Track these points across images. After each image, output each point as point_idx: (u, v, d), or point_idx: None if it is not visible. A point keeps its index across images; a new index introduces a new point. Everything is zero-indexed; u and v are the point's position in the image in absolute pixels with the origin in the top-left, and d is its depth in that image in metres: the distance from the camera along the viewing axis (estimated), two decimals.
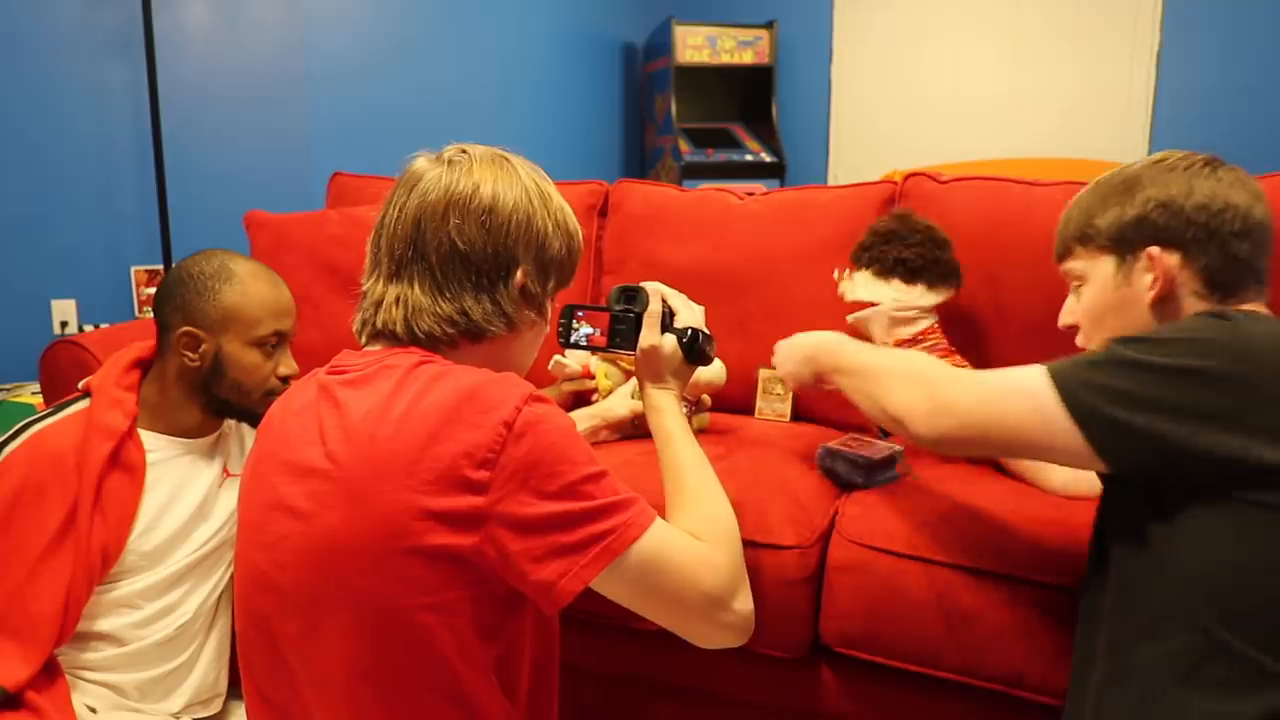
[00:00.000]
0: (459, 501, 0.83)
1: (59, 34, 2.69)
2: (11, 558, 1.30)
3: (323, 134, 3.32)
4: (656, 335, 1.13)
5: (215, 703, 1.56)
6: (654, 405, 1.13)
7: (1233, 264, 1.03)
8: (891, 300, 1.56)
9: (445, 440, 0.83)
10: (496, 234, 0.97)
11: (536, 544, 0.84)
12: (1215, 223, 1.03)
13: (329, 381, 0.95)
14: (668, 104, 4.65)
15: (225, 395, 1.46)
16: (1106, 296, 1.09)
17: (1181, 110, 4.10)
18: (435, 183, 0.98)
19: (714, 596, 0.92)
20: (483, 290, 0.97)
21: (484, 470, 0.83)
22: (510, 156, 1.05)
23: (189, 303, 1.42)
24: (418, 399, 0.86)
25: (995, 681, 1.18)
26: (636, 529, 0.87)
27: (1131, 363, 0.92)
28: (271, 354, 1.47)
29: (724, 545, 0.96)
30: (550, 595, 0.85)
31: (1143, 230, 1.06)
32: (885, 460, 1.43)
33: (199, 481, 1.49)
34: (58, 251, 2.73)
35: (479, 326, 0.97)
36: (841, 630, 1.26)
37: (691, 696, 1.41)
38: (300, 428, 0.93)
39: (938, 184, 1.81)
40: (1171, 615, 0.89)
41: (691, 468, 1.06)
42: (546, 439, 0.85)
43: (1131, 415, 0.90)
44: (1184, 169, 1.07)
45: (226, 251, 1.49)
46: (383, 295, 0.98)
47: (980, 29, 4.53)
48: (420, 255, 0.96)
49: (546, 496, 0.84)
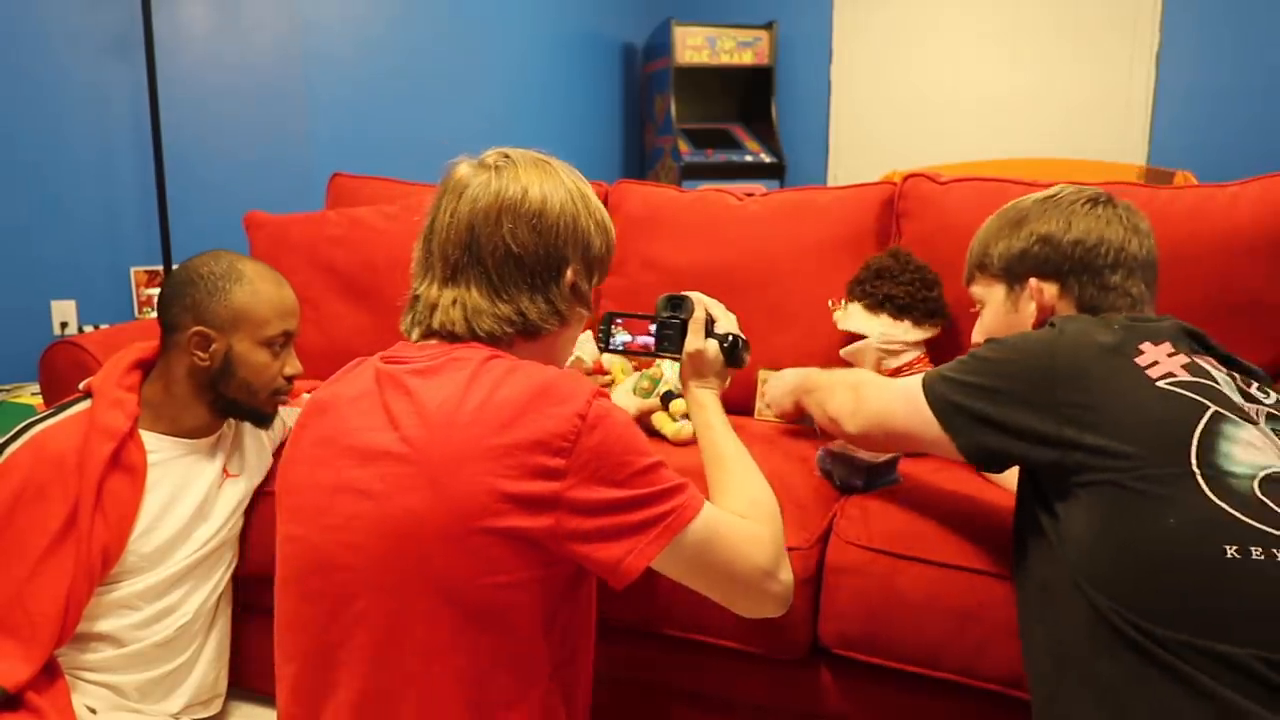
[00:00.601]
0: (535, 486, 0.88)
1: (59, 35, 2.69)
2: (12, 558, 1.30)
3: (322, 135, 3.32)
4: (701, 340, 1.22)
5: (215, 703, 1.57)
6: (698, 402, 1.22)
7: (1105, 292, 1.14)
8: (879, 334, 1.64)
9: (523, 428, 0.89)
10: (547, 236, 1.02)
11: (604, 525, 0.91)
12: (1089, 257, 1.14)
13: (394, 371, 0.99)
14: (667, 104, 4.65)
15: (233, 395, 1.46)
16: (999, 320, 1.23)
17: (1181, 111, 4.10)
18: (484, 188, 1.02)
19: (762, 568, 1.00)
20: (537, 290, 1.02)
21: (559, 458, 0.89)
22: (550, 159, 1.09)
23: (200, 303, 1.43)
24: (494, 389, 0.91)
25: (993, 682, 1.18)
26: (691, 510, 0.95)
27: (973, 357, 1.08)
28: (279, 354, 1.48)
29: (767, 523, 1.05)
30: (617, 572, 0.92)
31: (1026, 262, 1.18)
32: (885, 464, 1.43)
33: (199, 482, 1.49)
34: (57, 252, 2.73)
35: (535, 326, 1.02)
36: (840, 631, 1.26)
37: (691, 698, 1.41)
38: (363, 413, 0.97)
39: (937, 185, 1.81)
40: (1072, 597, 0.94)
41: (733, 456, 1.15)
42: (615, 430, 0.92)
43: (969, 400, 1.04)
44: (1066, 206, 1.17)
45: (232, 252, 1.50)
46: (438, 299, 1.02)
47: (980, 30, 4.53)
48: (476, 259, 1.01)
49: (614, 483, 0.91)
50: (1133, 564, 0.90)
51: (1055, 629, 0.98)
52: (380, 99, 3.53)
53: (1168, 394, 0.97)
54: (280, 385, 1.49)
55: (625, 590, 0.97)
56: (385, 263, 1.99)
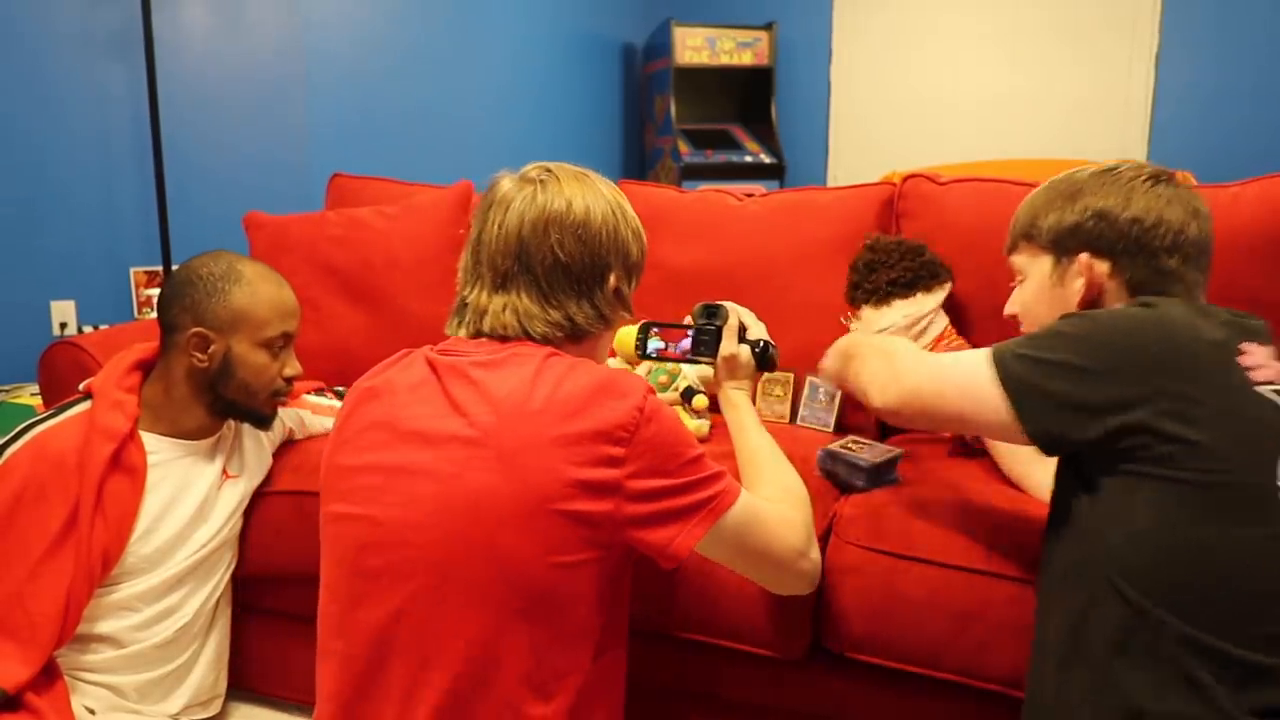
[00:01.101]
0: (598, 473, 0.96)
1: (58, 35, 2.69)
2: (12, 559, 1.30)
3: (322, 135, 3.32)
4: (734, 345, 1.31)
5: (214, 704, 1.57)
6: (731, 402, 1.30)
7: (1159, 276, 1.08)
8: (902, 317, 1.63)
9: (588, 419, 0.96)
10: (591, 245, 1.09)
11: (656, 510, 0.98)
12: (1146, 237, 1.08)
13: (455, 363, 1.05)
14: (667, 105, 4.65)
15: (232, 396, 1.46)
16: (1042, 293, 1.17)
17: (1181, 111, 4.11)
18: (530, 202, 1.08)
19: (796, 548, 1.10)
20: (583, 296, 1.10)
21: (620, 447, 0.96)
22: (588, 172, 1.16)
23: (199, 303, 1.42)
24: (559, 383, 0.99)
25: (994, 682, 1.18)
26: (731, 496, 1.03)
27: (1054, 334, 1.01)
28: (278, 355, 1.47)
29: (799, 507, 1.14)
30: (666, 553, 1.00)
31: (1078, 236, 1.12)
32: (886, 463, 1.43)
33: (199, 483, 1.49)
34: (57, 252, 2.73)
35: (583, 329, 1.10)
36: (841, 631, 1.26)
37: (692, 698, 1.41)
38: (423, 400, 1.03)
39: (936, 185, 1.81)
40: (1104, 590, 0.93)
41: (766, 449, 1.23)
42: (667, 423, 1.00)
43: (1050, 380, 0.97)
44: (1126, 181, 1.11)
45: (232, 253, 1.49)
46: (488, 305, 1.09)
47: (979, 30, 4.53)
48: (525, 268, 1.07)
49: (666, 472, 0.99)
50: (1192, 568, 0.88)
51: (1073, 623, 0.96)
52: (380, 99, 3.53)
53: (1263, 401, 0.93)
54: (279, 386, 1.49)
55: (627, 590, 0.99)
56: (385, 263, 1.99)
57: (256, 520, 1.59)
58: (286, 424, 1.68)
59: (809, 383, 1.78)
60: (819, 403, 1.77)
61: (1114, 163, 1.14)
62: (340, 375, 1.90)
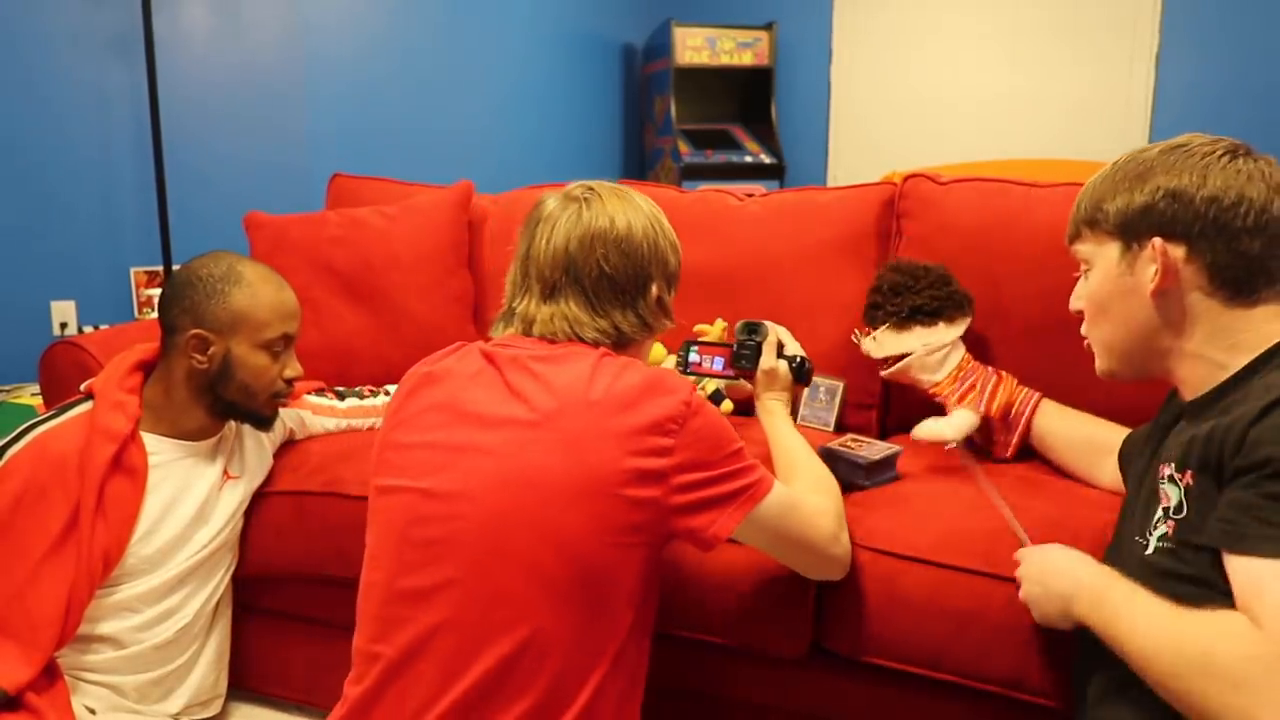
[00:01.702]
0: (649, 462, 1.02)
1: (58, 35, 2.69)
2: (13, 560, 1.30)
3: (322, 135, 3.32)
4: (773, 359, 1.42)
5: (214, 704, 1.57)
6: (769, 409, 1.40)
7: (1242, 261, 0.98)
8: (921, 346, 1.60)
9: (642, 412, 1.03)
10: (634, 258, 1.17)
11: (699, 497, 1.05)
12: (1225, 217, 0.98)
13: (515, 355, 1.12)
14: (667, 105, 4.65)
15: (232, 397, 1.46)
16: (1110, 284, 1.06)
17: (1181, 111, 4.10)
18: (576, 219, 1.16)
19: (829, 532, 1.18)
20: (628, 306, 1.18)
21: (669, 438, 1.03)
22: (627, 190, 1.23)
23: (198, 305, 1.42)
24: (616, 377, 1.06)
25: (995, 684, 1.18)
26: (766, 485, 1.10)
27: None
28: (278, 356, 1.47)
29: (831, 498, 1.23)
30: (705, 536, 1.07)
31: (1149, 219, 1.02)
32: (885, 461, 1.43)
33: (200, 484, 1.49)
34: (57, 253, 2.73)
35: (627, 337, 1.17)
36: (841, 632, 1.26)
37: (692, 698, 1.41)
38: (484, 387, 1.10)
39: (937, 185, 1.81)
40: None
41: (800, 449, 1.32)
42: (710, 418, 1.08)
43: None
44: (1201, 157, 1.01)
45: (232, 254, 1.49)
46: (536, 314, 1.16)
47: (980, 30, 4.53)
48: (573, 280, 1.15)
49: (709, 463, 1.06)
50: None
51: None
52: (380, 99, 3.53)
53: None
54: (279, 388, 1.49)
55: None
56: (385, 263, 1.98)
57: (256, 520, 1.59)
58: (287, 424, 1.68)
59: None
60: (819, 402, 1.77)
61: (1185, 138, 1.05)
62: (340, 375, 1.90)
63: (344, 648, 1.62)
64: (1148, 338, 1.04)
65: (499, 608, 1.01)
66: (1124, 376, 1.10)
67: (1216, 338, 1.00)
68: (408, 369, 1.21)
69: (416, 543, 1.06)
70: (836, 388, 1.75)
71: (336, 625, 1.63)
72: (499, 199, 2.19)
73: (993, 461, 1.53)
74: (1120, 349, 1.08)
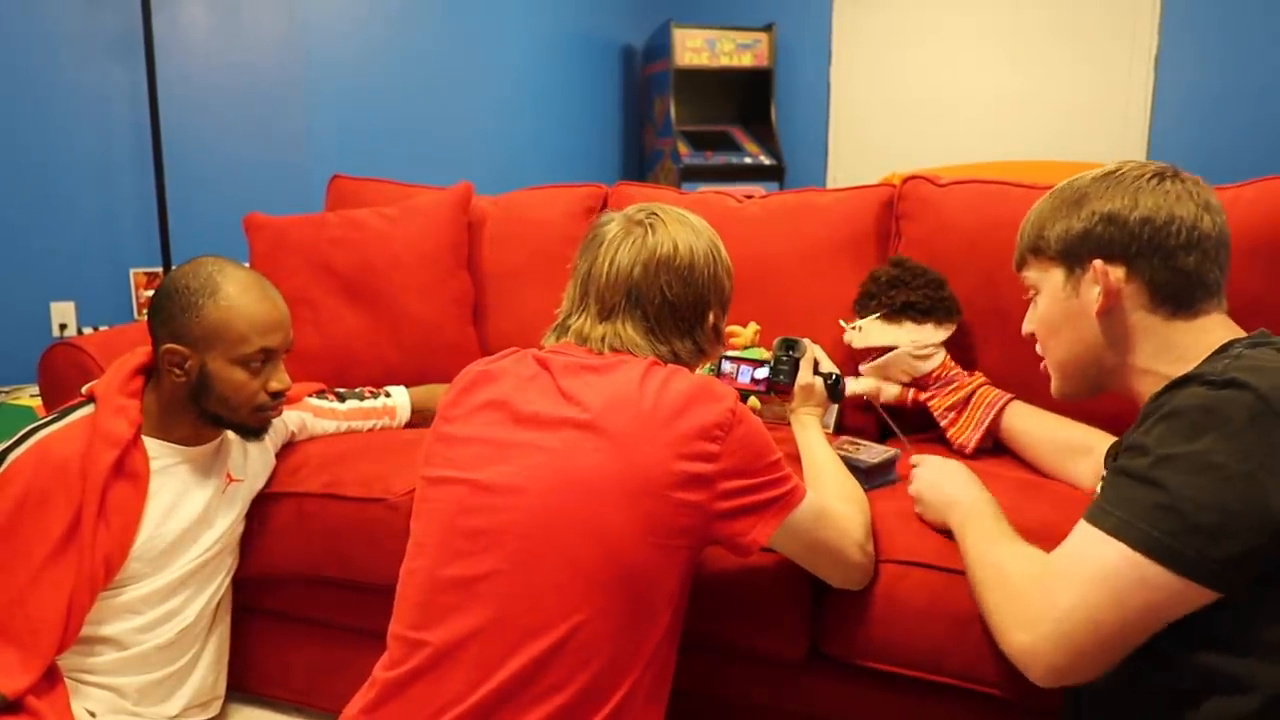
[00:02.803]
0: (696, 466, 1.05)
1: (58, 36, 2.69)
2: (15, 564, 1.30)
3: (322, 136, 3.32)
4: (810, 376, 1.46)
5: (214, 705, 1.57)
6: (803, 423, 1.44)
7: (1179, 276, 1.04)
8: (909, 342, 1.64)
9: (690, 418, 1.06)
10: (695, 286, 1.20)
11: (740, 504, 1.08)
12: (1159, 236, 1.04)
13: (569, 362, 1.15)
14: (667, 106, 4.65)
15: (214, 410, 1.43)
16: (1057, 307, 1.12)
17: (1180, 114, 4.11)
18: (640, 244, 1.19)
19: (857, 541, 1.20)
20: (686, 335, 1.21)
21: (715, 444, 1.05)
22: (687, 214, 1.26)
23: (174, 318, 1.39)
24: (665, 384, 1.09)
25: (994, 686, 1.18)
26: (800, 494, 1.12)
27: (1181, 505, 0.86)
28: (259, 371, 1.43)
29: (859, 509, 1.25)
30: (743, 543, 1.09)
31: (1088, 243, 1.08)
32: (884, 464, 1.44)
33: (201, 488, 1.48)
34: (57, 254, 2.73)
35: (682, 362, 1.19)
36: (840, 635, 1.26)
37: (692, 700, 1.41)
38: (539, 390, 1.13)
39: (936, 187, 1.81)
40: None
41: (831, 462, 1.36)
42: (755, 425, 1.10)
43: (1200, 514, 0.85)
44: (1131, 181, 1.07)
45: (218, 261, 1.45)
46: (591, 332, 1.18)
47: (979, 32, 4.53)
48: (635, 304, 1.18)
49: (752, 471, 1.08)
50: None
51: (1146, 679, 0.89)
52: (380, 101, 3.53)
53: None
54: (262, 401, 1.44)
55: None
56: (385, 264, 1.99)
57: (256, 522, 1.59)
58: (289, 426, 1.68)
59: None
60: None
61: (1115, 164, 1.11)
62: (340, 377, 1.90)
63: (344, 649, 1.63)
64: (1097, 356, 1.10)
65: (543, 602, 1.02)
66: (1079, 395, 1.17)
67: (1162, 352, 1.05)
68: (407, 370, 1.22)
69: (464, 532, 1.07)
70: None
71: (336, 627, 1.63)
72: (498, 200, 2.19)
73: (963, 456, 1.57)
74: (1072, 369, 1.14)
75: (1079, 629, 0.90)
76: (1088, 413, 1.43)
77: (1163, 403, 0.92)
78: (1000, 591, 1.02)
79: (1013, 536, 1.09)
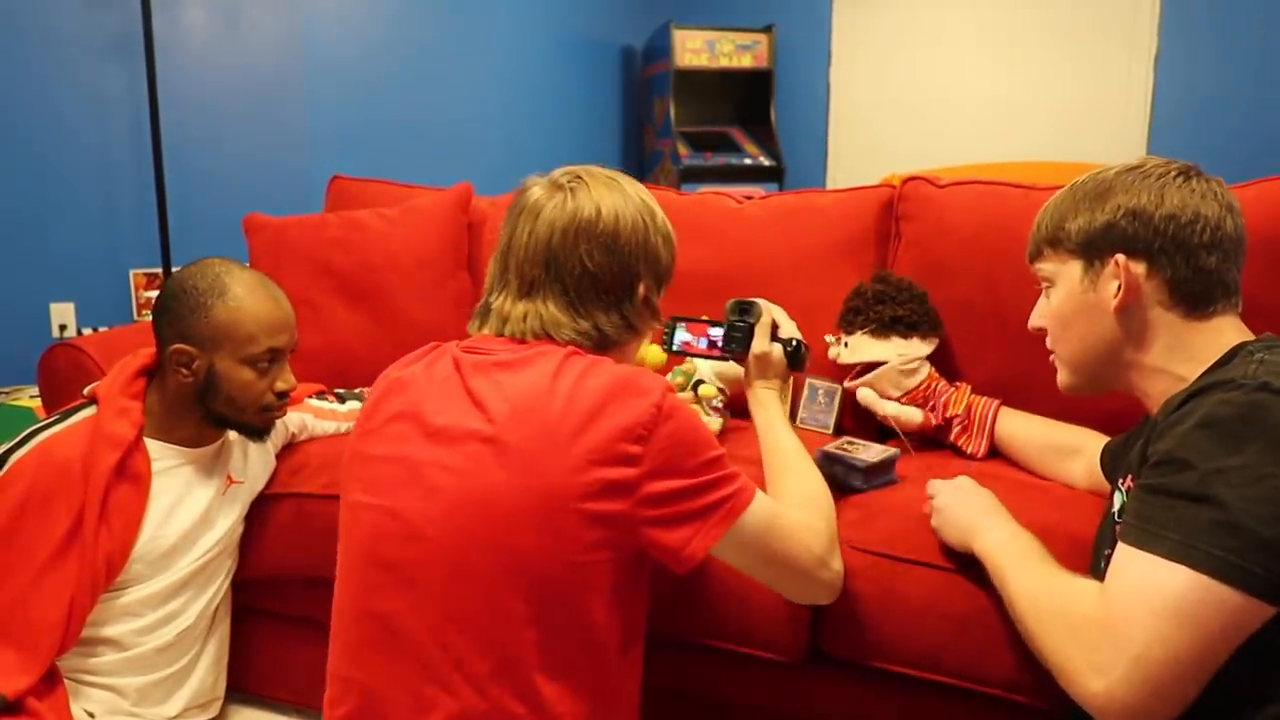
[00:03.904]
0: (616, 472, 0.95)
1: (58, 37, 2.69)
2: (16, 566, 1.30)
3: (321, 137, 3.32)
4: (767, 343, 1.30)
5: (213, 706, 1.57)
6: (760, 401, 1.28)
7: (1200, 275, 1.03)
8: (897, 356, 1.64)
9: (607, 417, 0.96)
10: (620, 255, 1.09)
11: (672, 511, 0.97)
12: (1183, 234, 1.03)
13: (479, 360, 1.05)
14: (666, 107, 4.65)
15: (220, 410, 1.44)
16: (1073, 300, 1.10)
17: (1179, 115, 4.11)
18: (560, 209, 1.08)
19: (817, 556, 1.08)
20: (612, 307, 1.09)
21: (638, 445, 0.95)
22: (618, 176, 1.14)
23: (182, 319, 1.40)
24: (580, 380, 0.98)
25: (994, 686, 1.18)
26: (747, 496, 1.02)
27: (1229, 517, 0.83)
28: (266, 370, 1.44)
29: (821, 514, 1.13)
30: (681, 556, 0.98)
31: (1111, 237, 1.06)
32: (883, 463, 1.43)
33: (203, 490, 1.49)
34: (56, 255, 2.73)
35: (610, 340, 1.09)
36: (840, 635, 1.26)
37: (691, 701, 1.41)
38: (446, 396, 1.03)
39: (936, 188, 1.81)
40: None
41: (792, 453, 1.22)
42: (687, 422, 0.99)
43: None
44: (1157, 177, 1.06)
45: (224, 262, 1.46)
46: (511, 311, 1.08)
47: (979, 33, 4.53)
48: (554, 277, 1.07)
49: (684, 472, 0.98)
50: None
51: None
52: (380, 102, 3.54)
53: None
54: (269, 401, 1.45)
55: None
56: (385, 265, 1.99)
57: (256, 523, 1.59)
58: (290, 428, 1.68)
59: (808, 384, 1.78)
60: (818, 404, 1.77)
61: (1140, 160, 1.10)
62: (340, 377, 1.90)
63: None
64: (1111, 352, 1.08)
65: (465, 633, 0.96)
66: (1086, 391, 1.15)
67: (1175, 351, 1.04)
68: None
69: (380, 564, 1.01)
70: (835, 390, 1.75)
71: None
72: (498, 201, 2.19)
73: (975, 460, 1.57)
74: (1083, 364, 1.12)
75: (1159, 667, 0.84)
76: (1083, 412, 1.43)
77: (1189, 410, 0.90)
78: (1061, 635, 0.93)
79: (1053, 566, 1.02)
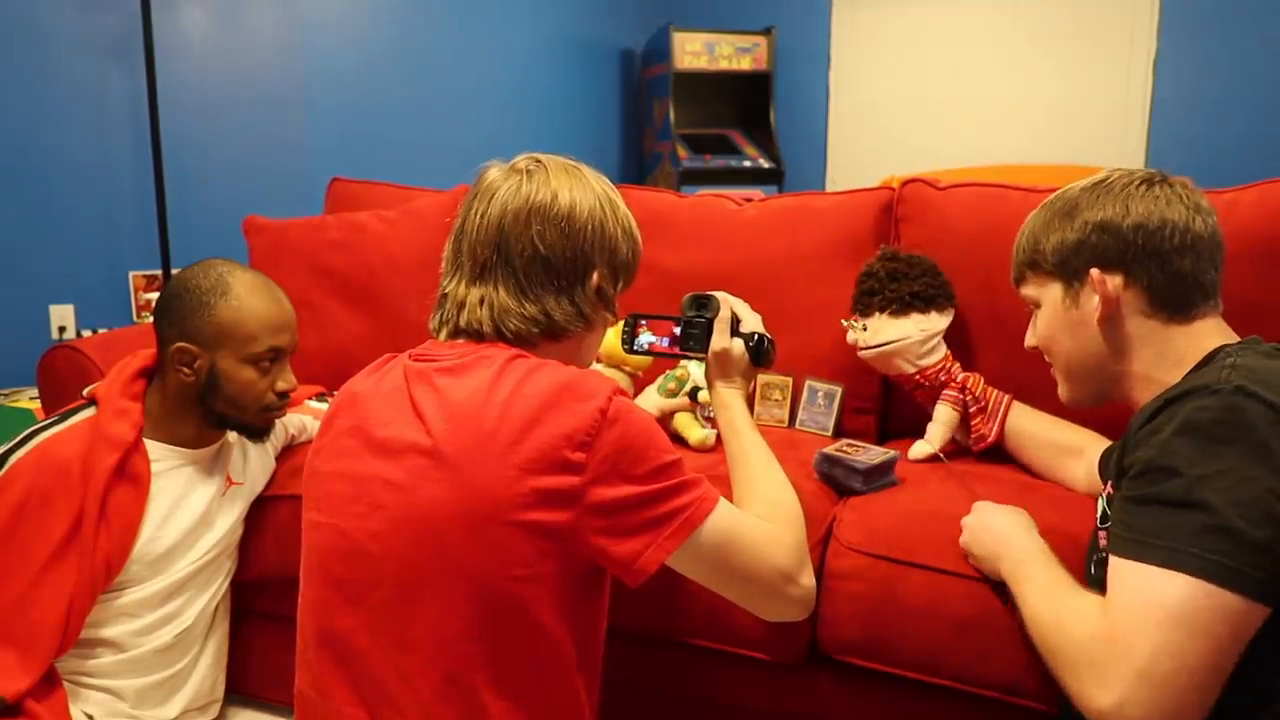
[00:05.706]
0: (557, 480, 0.91)
1: (58, 38, 2.69)
2: (15, 567, 1.30)
3: (321, 139, 3.32)
4: (727, 339, 1.23)
5: (212, 708, 1.56)
6: (723, 402, 1.22)
7: (1176, 280, 1.04)
8: (919, 331, 1.61)
9: (547, 424, 0.92)
10: (574, 239, 1.05)
11: (622, 521, 0.93)
12: (1153, 241, 1.04)
13: (423, 369, 1.02)
14: (666, 110, 4.66)
15: (221, 410, 1.44)
16: (1059, 320, 1.13)
17: (1178, 116, 4.12)
18: (515, 192, 1.06)
19: (784, 571, 1.02)
20: (563, 292, 1.05)
21: (581, 452, 0.91)
22: (580, 165, 1.12)
23: (184, 318, 1.40)
24: (519, 386, 0.94)
25: (993, 689, 1.18)
26: (707, 504, 0.97)
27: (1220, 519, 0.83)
28: (268, 370, 1.44)
29: (790, 525, 1.07)
30: (633, 569, 0.94)
31: (1084, 253, 1.08)
32: (883, 465, 1.43)
33: (202, 491, 1.48)
34: (56, 256, 2.73)
35: (560, 327, 1.05)
36: (839, 637, 1.26)
37: (690, 702, 1.41)
38: (391, 408, 1.00)
39: (935, 190, 1.82)
40: None
41: (758, 458, 1.15)
42: (635, 426, 0.95)
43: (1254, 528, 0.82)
44: (1121, 189, 1.08)
45: (226, 263, 1.46)
46: (465, 297, 1.05)
47: (978, 35, 4.54)
48: (504, 260, 1.04)
49: (633, 479, 0.93)
50: None
51: None
52: (379, 104, 3.54)
53: None
54: (270, 401, 1.46)
55: (628, 593, 0.97)
56: (384, 267, 1.99)
57: (255, 525, 1.59)
58: (289, 429, 1.68)
59: (807, 386, 1.78)
60: (817, 406, 1.77)
61: (1103, 174, 1.12)
62: (339, 379, 1.88)
63: None
64: (1100, 365, 1.11)
65: (413, 651, 0.94)
66: (1089, 403, 1.17)
67: (1162, 358, 1.06)
68: None
69: (331, 582, 1.00)
70: (835, 392, 1.75)
71: None
72: None
73: (977, 459, 1.57)
74: (1078, 378, 1.15)
75: (1168, 678, 0.82)
76: (1083, 412, 1.42)
77: (1166, 418, 0.91)
78: (1066, 652, 0.93)
79: (1071, 586, 1.00)
